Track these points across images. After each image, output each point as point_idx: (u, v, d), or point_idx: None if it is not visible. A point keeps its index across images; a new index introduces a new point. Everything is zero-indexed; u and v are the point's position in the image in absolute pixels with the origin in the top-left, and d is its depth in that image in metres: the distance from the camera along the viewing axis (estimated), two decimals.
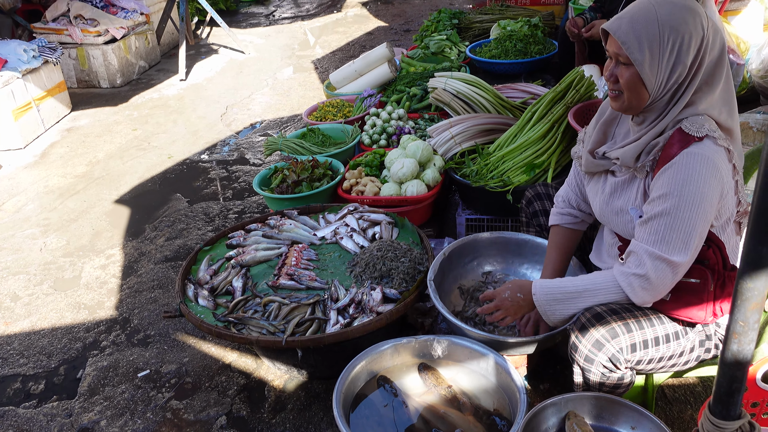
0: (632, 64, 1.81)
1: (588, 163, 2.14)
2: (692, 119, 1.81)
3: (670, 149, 1.82)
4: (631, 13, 1.83)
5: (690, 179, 1.76)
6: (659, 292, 1.85)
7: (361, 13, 9.08)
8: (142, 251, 3.79)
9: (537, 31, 5.08)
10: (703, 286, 1.86)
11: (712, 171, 1.76)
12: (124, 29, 6.60)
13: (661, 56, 1.79)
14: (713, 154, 1.77)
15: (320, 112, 4.51)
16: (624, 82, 1.85)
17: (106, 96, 6.43)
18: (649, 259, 1.82)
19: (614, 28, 1.82)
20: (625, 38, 1.79)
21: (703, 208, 1.76)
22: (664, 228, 1.80)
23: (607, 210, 2.09)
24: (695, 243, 1.79)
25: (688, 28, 1.77)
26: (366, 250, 2.85)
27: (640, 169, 1.92)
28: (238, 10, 9.58)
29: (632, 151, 1.92)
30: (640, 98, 1.86)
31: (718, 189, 1.79)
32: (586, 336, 1.88)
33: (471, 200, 3.45)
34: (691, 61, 1.79)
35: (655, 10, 1.80)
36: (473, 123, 3.66)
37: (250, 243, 3.02)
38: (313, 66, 6.96)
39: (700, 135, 1.77)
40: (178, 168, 4.83)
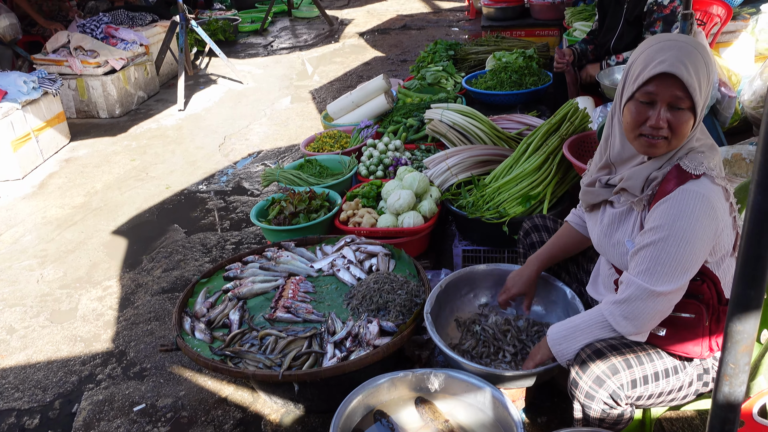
0: (688, 109, 1.79)
1: (587, 195, 2.16)
2: (692, 156, 1.84)
3: (667, 185, 1.84)
4: (681, 55, 1.77)
5: (682, 215, 1.78)
6: (641, 322, 1.86)
7: (359, 44, 9.18)
8: (139, 283, 3.80)
9: (532, 62, 5.14)
10: (698, 321, 1.87)
11: (706, 209, 1.78)
12: (124, 60, 6.67)
13: (706, 96, 1.81)
14: (709, 192, 1.79)
15: (318, 143, 4.54)
16: (678, 127, 1.81)
17: (104, 126, 6.48)
18: (633, 287, 1.85)
19: (679, 71, 1.75)
20: (692, 82, 1.75)
21: (693, 244, 1.78)
22: (650, 259, 1.82)
23: (605, 241, 2.10)
24: (682, 277, 1.81)
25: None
26: (363, 282, 2.86)
27: (638, 203, 1.94)
28: (236, 41, 9.68)
29: (642, 175, 1.90)
30: (683, 140, 1.85)
31: (712, 228, 1.80)
32: (587, 372, 1.88)
33: (468, 231, 3.46)
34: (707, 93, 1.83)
35: (698, 51, 1.78)
36: (469, 154, 3.69)
37: (247, 275, 3.02)
38: (310, 96, 7.02)
39: (697, 173, 1.80)
40: (175, 198, 4.85)
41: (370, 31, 9.89)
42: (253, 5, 11.43)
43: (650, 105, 1.83)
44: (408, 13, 10.94)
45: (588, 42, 4.54)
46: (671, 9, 3.93)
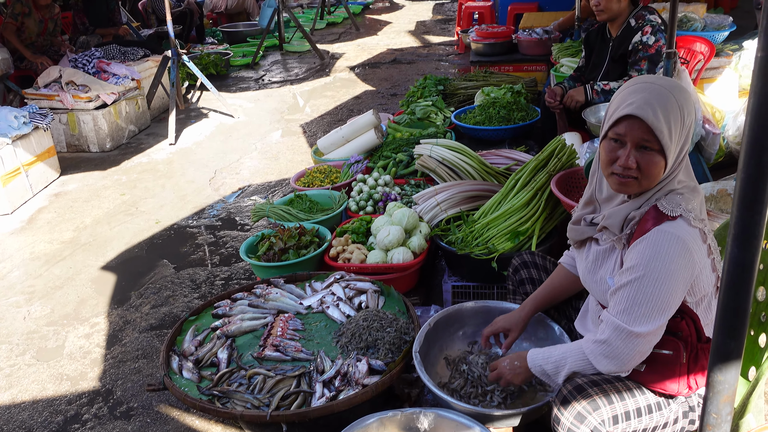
0: (658, 150, 1.83)
1: (572, 232, 2.20)
2: (670, 197, 1.87)
3: (645, 224, 1.87)
4: (654, 99, 1.82)
5: (658, 255, 1.80)
6: (622, 361, 1.87)
7: (349, 78, 9.27)
8: (127, 319, 3.77)
9: (520, 97, 5.20)
10: (676, 357, 1.88)
11: (681, 251, 1.80)
12: (115, 95, 6.70)
13: (678, 139, 1.85)
14: (685, 234, 1.81)
15: (308, 178, 4.56)
16: (646, 168, 1.85)
17: (95, 160, 6.48)
18: (611, 328, 1.87)
19: (646, 115, 1.80)
20: (658, 125, 1.79)
21: (668, 285, 1.80)
22: (627, 299, 1.85)
23: (589, 278, 2.14)
24: (659, 318, 1.83)
25: (692, 111, 1.86)
26: (352, 319, 2.85)
27: (618, 241, 1.97)
28: (228, 74, 9.75)
29: (621, 215, 1.95)
30: (655, 181, 1.88)
31: (688, 268, 1.82)
32: (568, 408, 1.89)
33: (457, 267, 3.47)
34: (684, 139, 1.87)
35: (674, 95, 1.82)
36: (458, 190, 3.71)
37: (236, 313, 3.01)
38: (301, 130, 7.06)
39: (674, 214, 1.83)
40: (165, 233, 4.84)
41: (361, 64, 10.00)
42: (244, 39, 11.54)
43: (621, 144, 1.89)
44: (398, 47, 11.07)
45: (575, 79, 4.61)
46: (656, 49, 4.00)
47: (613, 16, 4.16)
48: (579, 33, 6.42)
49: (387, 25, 13.40)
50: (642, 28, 4.06)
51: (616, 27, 4.24)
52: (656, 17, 4.09)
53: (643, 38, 4.04)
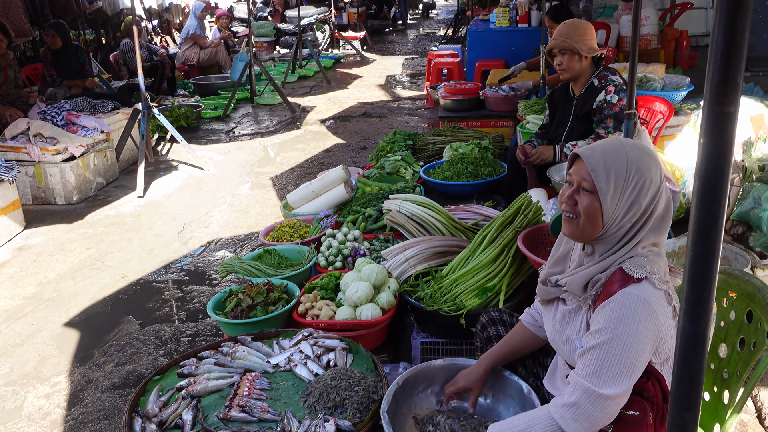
0: (594, 192, 1.92)
1: (540, 291, 2.25)
2: (636, 260, 1.92)
3: (611, 286, 1.91)
4: (603, 146, 1.96)
5: (624, 318, 1.84)
6: (591, 424, 1.87)
7: (320, 131, 9.37)
8: (89, 378, 3.68)
9: (487, 153, 5.30)
10: (643, 418, 1.90)
11: (647, 313, 1.84)
12: (84, 147, 6.68)
13: (623, 191, 1.91)
14: (650, 296, 1.85)
15: (277, 233, 4.56)
16: (583, 208, 1.94)
17: (61, 213, 6.41)
18: (580, 391, 1.87)
19: (587, 155, 1.94)
20: (596, 166, 1.91)
21: (636, 346, 1.83)
22: (596, 362, 1.86)
23: (557, 338, 2.16)
24: (627, 380, 1.85)
25: (650, 173, 1.92)
26: (320, 378, 2.83)
27: (584, 301, 2.01)
28: (199, 127, 9.78)
29: (579, 280, 2.01)
30: (594, 227, 1.95)
31: (654, 330, 1.86)
32: None
33: (426, 323, 3.47)
34: (647, 204, 1.92)
35: (625, 149, 1.93)
36: (427, 246, 3.74)
37: (202, 372, 2.96)
38: (271, 183, 7.09)
39: (639, 277, 1.87)
40: (131, 288, 4.78)
41: (332, 118, 10.12)
42: (216, 92, 11.63)
43: (570, 185, 2.02)
44: (368, 101, 11.24)
45: (541, 136, 4.72)
46: (620, 107, 4.13)
47: (575, 75, 4.29)
48: (544, 91, 6.59)
49: (358, 79, 13.62)
50: (605, 88, 4.20)
51: (579, 86, 4.38)
52: (618, 77, 4.23)
53: (607, 97, 4.17)
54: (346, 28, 19.27)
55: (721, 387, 2.29)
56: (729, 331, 2.31)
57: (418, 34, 20.81)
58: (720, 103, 0.78)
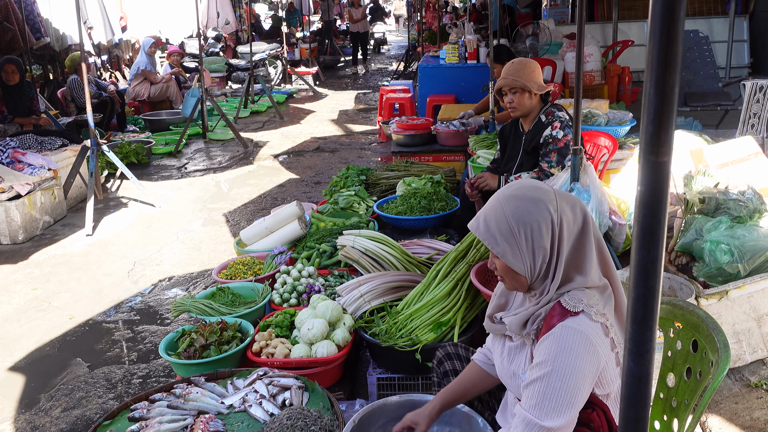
0: (496, 257, 2.04)
1: (488, 326, 2.31)
2: (572, 294, 1.98)
3: (551, 320, 1.98)
4: (485, 212, 2.05)
5: (563, 351, 1.90)
6: None
7: (273, 166, 9.35)
8: (35, 425, 3.56)
9: (440, 187, 5.37)
10: None
11: (585, 345, 1.90)
12: (30, 185, 6.53)
13: (519, 246, 1.99)
14: (587, 329, 1.92)
15: (230, 270, 4.51)
16: (500, 271, 2.07)
17: (5, 253, 6.23)
18: (523, 423, 1.92)
19: (474, 228, 2.06)
20: (484, 236, 2.02)
21: (575, 378, 1.89)
22: (537, 394, 1.92)
23: (504, 373, 2.23)
24: (569, 411, 1.89)
25: (533, 217, 1.98)
26: (276, 418, 2.79)
27: (527, 336, 2.07)
28: (150, 163, 9.66)
29: (518, 321, 2.08)
30: (518, 282, 2.06)
31: (593, 362, 1.92)
32: None
33: (382, 359, 3.47)
34: (549, 243, 1.99)
35: (503, 207, 2.02)
36: (382, 281, 3.76)
37: (154, 415, 2.90)
38: (224, 219, 7.03)
39: (576, 310, 1.94)
40: (79, 329, 4.66)
41: (285, 153, 10.12)
42: (167, 127, 11.53)
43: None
44: (321, 136, 11.29)
45: (492, 170, 4.82)
46: (564, 142, 4.25)
47: (525, 112, 4.42)
48: (494, 126, 6.74)
49: (311, 114, 13.69)
50: (552, 123, 4.32)
51: (528, 122, 4.50)
52: (564, 114, 4.37)
53: (553, 132, 4.30)
54: (299, 63, 19.39)
55: (670, 416, 2.35)
56: (676, 360, 2.38)
57: (370, 69, 21.06)
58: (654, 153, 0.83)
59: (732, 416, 3.16)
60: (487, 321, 2.31)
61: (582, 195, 3.66)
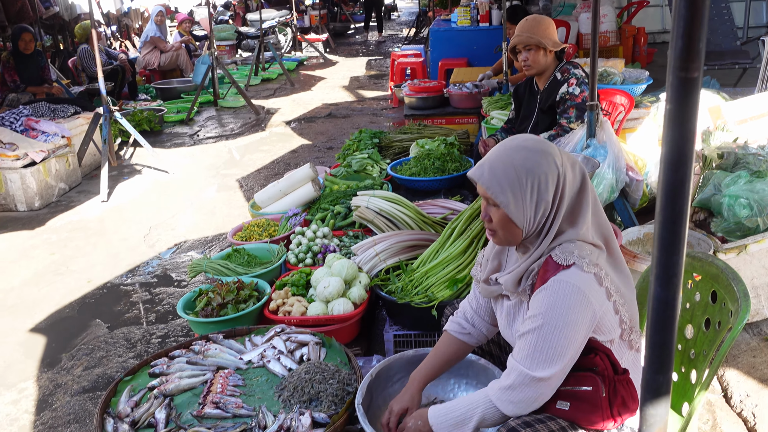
0: (495, 206, 2.00)
1: (483, 290, 2.30)
2: (563, 247, 1.98)
3: (544, 274, 1.99)
4: (490, 160, 2.01)
5: (555, 304, 1.91)
6: (526, 405, 1.95)
7: (285, 132, 9.33)
8: (57, 383, 3.62)
9: (453, 149, 5.34)
10: (596, 392, 1.96)
11: (578, 298, 1.91)
12: (45, 152, 6.55)
13: (523, 197, 1.96)
14: (580, 281, 1.92)
15: (245, 232, 4.53)
16: (495, 222, 2.03)
17: (23, 220, 6.28)
18: (515, 373, 1.95)
19: (477, 176, 2.01)
20: (489, 184, 1.97)
21: (567, 331, 1.90)
22: (529, 345, 1.94)
23: (507, 332, 2.25)
24: (559, 362, 1.91)
25: (542, 169, 1.96)
26: (294, 372, 2.82)
27: (522, 293, 2.08)
28: (162, 131, 9.66)
29: (512, 278, 2.08)
30: (513, 235, 2.03)
31: (586, 314, 1.92)
32: None
33: (398, 316, 3.49)
34: (552, 197, 1.97)
35: (511, 156, 1.98)
36: (397, 240, 3.76)
37: (174, 371, 2.94)
38: (238, 184, 7.04)
39: (567, 263, 1.94)
40: (98, 292, 4.71)
41: (297, 119, 10.09)
42: (178, 96, 11.51)
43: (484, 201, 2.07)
44: (333, 102, 11.23)
45: (506, 130, 4.78)
46: (582, 98, 4.20)
47: (540, 70, 4.36)
48: (507, 87, 6.67)
49: (321, 81, 13.60)
50: (568, 80, 4.27)
51: (543, 80, 4.44)
52: (580, 71, 4.31)
53: (569, 89, 4.24)
54: (309, 30, 19.21)
55: (688, 367, 2.35)
56: (695, 312, 2.37)
57: (381, 35, 20.85)
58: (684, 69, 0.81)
59: (750, 370, 3.16)
60: (482, 285, 2.30)
61: (598, 151, 3.62)
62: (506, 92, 6.64)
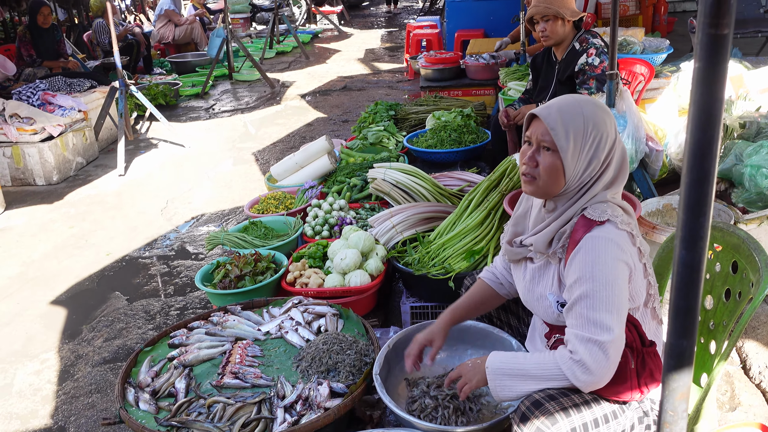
0: (555, 151, 1.95)
1: (507, 252, 2.27)
2: (595, 206, 1.96)
3: (575, 235, 1.96)
4: (559, 104, 1.97)
5: (598, 260, 1.88)
6: (600, 374, 1.87)
7: (300, 105, 9.30)
8: (79, 354, 3.67)
9: (470, 121, 5.30)
10: (625, 364, 1.93)
11: (616, 251, 1.88)
12: (62, 127, 6.58)
13: (582, 147, 1.94)
14: (615, 236, 1.90)
15: (262, 205, 4.54)
16: (544, 167, 1.97)
17: (41, 194, 6.33)
18: (580, 343, 1.89)
19: (544, 115, 1.95)
20: (555, 125, 1.93)
21: (617, 285, 1.87)
22: (586, 311, 1.89)
23: (529, 296, 2.20)
24: (618, 320, 1.87)
25: (606, 128, 1.95)
26: (311, 343, 2.84)
27: (552, 256, 2.05)
28: (177, 105, 9.67)
29: (543, 238, 2.04)
30: (555, 184, 1.99)
31: (627, 267, 1.91)
32: (527, 425, 1.90)
33: (415, 288, 3.49)
34: (604, 157, 1.96)
35: (581, 105, 1.96)
36: (413, 212, 3.75)
37: (193, 341, 2.96)
38: (254, 158, 7.04)
39: (602, 219, 1.92)
40: (116, 265, 4.75)
41: (312, 92, 10.04)
42: (193, 69, 11.48)
43: (529, 146, 2.03)
44: (348, 75, 11.16)
45: (524, 101, 4.72)
46: (602, 69, 4.13)
47: (558, 40, 4.29)
48: (525, 57, 6.58)
49: (336, 53, 13.51)
50: (587, 51, 4.20)
51: (561, 50, 4.37)
52: (599, 40, 4.23)
53: (589, 60, 4.17)
54: (323, 2, 19.05)
55: (707, 338, 2.33)
56: (715, 282, 2.34)
57: (396, 7, 20.63)
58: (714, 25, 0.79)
59: None
60: (505, 246, 2.27)
61: (618, 120, 3.57)
62: (523, 63, 6.56)
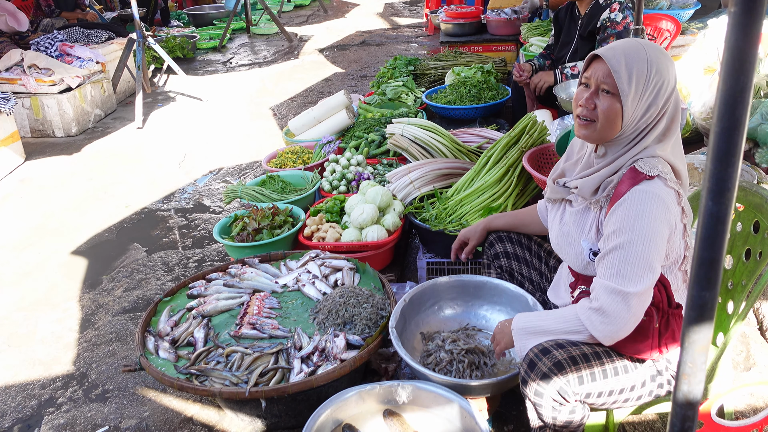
0: (615, 94, 1.91)
1: (551, 189, 2.26)
2: (647, 160, 1.92)
3: (621, 186, 1.93)
4: (623, 46, 1.93)
5: (641, 214, 1.85)
6: (618, 325, 1.86)
7: (318, 60, 9.22)
8: (99, 303, 3.73)
9: (490, 77, 5.22)
10: (649, 323, 1.93)
11: (661, 208, 1.85)
12: (80, 78, 6.58)
13: (643, 92, 1.90)
14: (662, 192, 1.86)
15: (279, 159, 4.54)
16: (603, 111, 1.93)
17: (61, 145, 6.37)
18: (604, 293, 1.88)
19: (609, 56, 1.91)
20: (618, 67, 1.89)
21: (655, 242, 1.85)
22: (618, 262, 1.87)
23: (562, 239, 2.18)
24: (649, 275, 1.86)
25: (668, 74, 1.91)
26: (328, 296, 2.86)
27: (594, 204, 2.02)
28: (195, 58, 9.62)
29: (591, 183, 2.02)
30: (612, 129, 1.95)
31: (668, 225, 1.88)
32: (535, 370, 1.92)
33: (431, 244, 3.49)
34: (662, 104, 1.92)
35: (645, 49, 1.91)
36: (431, 168, 3.73)
37: (212, 292, 3.00)
38: (271, 112, 7.02)
39: (651, 174, 1.87)
40: (135, 217, 4.79)
41: (330, 47, 9.94)
42: (211, 22, 11.39)
43: (587, 88, 1.99)
44: (367, 29, 11.03)
45: (545, 57, 4.64)
46: (624, 25, 4.04)
47: None
48: (547, 13, 6.45)
49: (355, 8, 13.33)
50: (610, 6, 4.10)
51: (584, 5, 4.28)
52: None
53: (611, 15, 4.08)
54: None
55: (725, 297, 2.32)
56: (735, 242, 2.32)
57: None
58: None
59: None
60: (549, 184, 2.26)
61: None
62: (546, 18, 6.44)
